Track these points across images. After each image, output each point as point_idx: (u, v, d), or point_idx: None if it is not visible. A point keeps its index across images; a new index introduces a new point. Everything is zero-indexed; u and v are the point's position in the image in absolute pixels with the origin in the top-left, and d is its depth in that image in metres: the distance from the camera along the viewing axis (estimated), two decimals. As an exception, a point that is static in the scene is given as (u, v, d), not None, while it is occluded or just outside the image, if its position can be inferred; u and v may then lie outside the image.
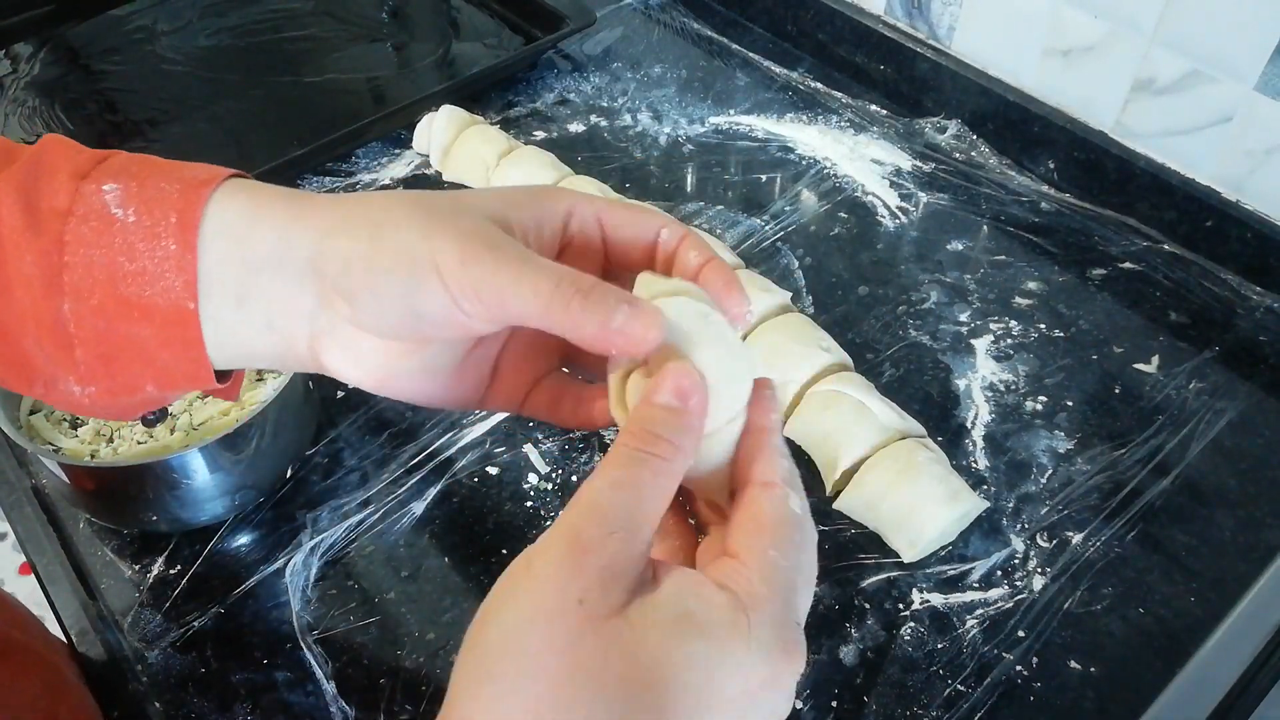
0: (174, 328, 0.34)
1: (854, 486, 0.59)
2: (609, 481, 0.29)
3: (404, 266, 0.32)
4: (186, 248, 0.33)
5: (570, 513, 0.29)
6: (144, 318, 0.33)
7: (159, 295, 0.33)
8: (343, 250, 0.33)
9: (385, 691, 0.53)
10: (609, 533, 0.28)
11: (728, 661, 0.28)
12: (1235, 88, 0.71)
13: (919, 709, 0.52)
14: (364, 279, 0.33)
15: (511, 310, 0.32)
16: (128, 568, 0.59)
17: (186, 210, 0.33)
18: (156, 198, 0.33)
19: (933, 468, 0.58)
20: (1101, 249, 0.77)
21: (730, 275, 0.35)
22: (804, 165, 0.85)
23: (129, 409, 0.37)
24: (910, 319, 0.72)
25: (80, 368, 0.34)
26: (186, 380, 0.35)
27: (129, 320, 0.33)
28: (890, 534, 0.58)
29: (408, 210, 0.33)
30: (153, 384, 0.35)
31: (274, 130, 0.91)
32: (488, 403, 0.39)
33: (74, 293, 0.33)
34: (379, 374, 0.36)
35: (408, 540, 0.60)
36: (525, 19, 1.01)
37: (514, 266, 0.31)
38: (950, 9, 0.87)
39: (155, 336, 0.34)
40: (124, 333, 0.34)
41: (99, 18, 1.05)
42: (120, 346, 0.34)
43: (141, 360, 0.34)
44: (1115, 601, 0.56)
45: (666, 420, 0.30)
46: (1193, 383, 0.67)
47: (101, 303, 0.33)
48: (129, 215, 0.33)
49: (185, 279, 0.33)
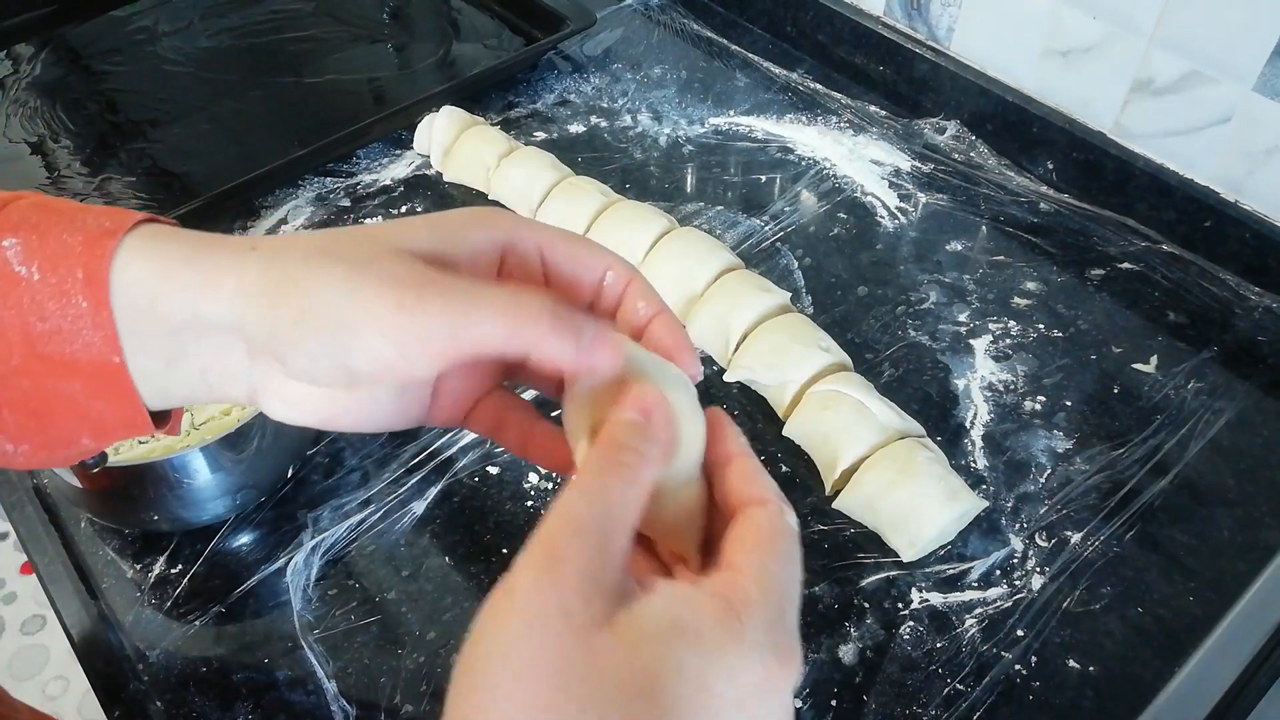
0: (103, 380, 0.32)
1: (853, 486, 0.59)
2: (578, 492, 0.29)
3: (331, 327, 0.30)
4: (99, 304, 0.31)
5: (542, 527, 0.28)
6: (69, 374, 0.32)
7: (81, 351, 0.32)
8: (264, 317, 0.31)
9: (385, 691, 0.53)
10: (581, 540, 0.28)
11: (721, 666, 0.27)
12: (1234, 88, 0.71)
13: (918, 708, 0.52)
14: (292, 342, 0.31)
15: (466, 345, 0.30)
16: (129, 567, 0.59)
17: (92, 264, 0.31)
18: (60, 253, 0.31)
19: (932, 467, 0.58)
20: (1100, 249, 0.77)
21: (680, 334, 0.35)
22: (803, 166, 0.85)
23: (66, 460, 0.36)
24: (909, 319, 0.72)
25: (10, 427, 0.33)
26: (124, 429, 0.34)
27: (54, 377, 0.32)
28: (889, 533, 0.58)
29: (326, 264, 0.31)
30: (88, 436, 0.34)
31: (275, 131, 0.91)
32: (432, 421, 0.38)
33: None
34: (322, 415, 0.35)
35: (408, 540, 0.60)
36: (525, 20, 1.02)
37: (463, 301, 0.30)
38: (949, 10, 0.87)
39: (85, 389, 0.32)
40: (51, 388, 0.32)
41: (100, 18, 1.05)
42: (49, 402, 0.32)
43: (74, 414, 0.33)
44: (1114, 601, 0.56)
45: (632, 431, 0.30)
46: (1191, 383, 0.67)
47: (22, 363, 0.32)
48: (33, 273, 0.31)
49: (104, 335, 0.31)
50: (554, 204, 0.77)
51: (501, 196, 0.81)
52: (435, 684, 0.53)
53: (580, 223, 0.75)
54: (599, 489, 0.29)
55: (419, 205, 0.83)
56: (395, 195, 0.84)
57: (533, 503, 0.61)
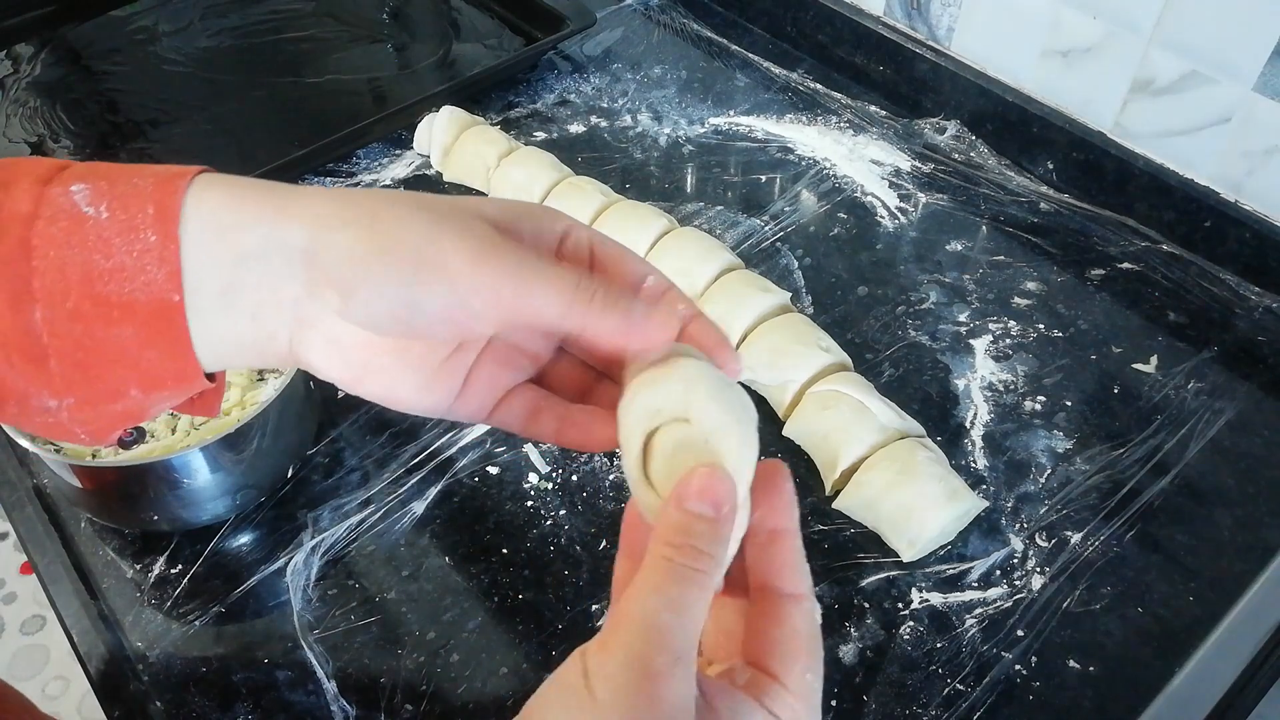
0: (158, 323, 0.32)
1: (853, 486, 0.59)
2: (664, 602, 0.29)
3: (409, 261, 0.32)
4: (168, 238, 0.31)
5: (628, 632, 0.29)
6: (124, 317, 0.32)
7: (140, 291, 0.32)
8: (342, 241, 0.32)
9: (385, 690, 0.53)
10: (675, 661, 0.28)
11: None
12: (1234, 88, 0.71)
13: (918, 708, 0.52)
14: (365, 270, 0.32)
15: (527, 311, 0.32)
16: (129, 567, 0.59)
17: (164, 201, 0.32)
18: (130, 193, 0.32)
19: (932, 467, 0.58)
20: (1100, 249, 0.77)
21: (719, 334, 0.36)
22: (803, 166, 0.85)
23: (109, 421, 0.35)
24: (909, 319, 0.72)
25: (55, 380, 0.32)
26: (173, 379, 0.34)
27: (108, 321, 0.32)
28: (890, 533, 0.58)
29: (409, 208, 0.33)
30: (136, 388, 0.33)
31: (275, 131, 0.91)
32: (455, 410, 0.38)
33: (46, 298, 0.31)
34: (356, 370, 0.35)
35: (408, 540, 0.60)
36: (525, 20, 1.02)
37: (533, 267, 0.32)
38: (949, 10, 0.87)
39: (137, 335, 0.32)
40: (103, 335, 0.32)
41: (100, 18, 1.05)
42: (99, 351, 0.32)
43: (124, 363, 0.33)
44: (1114, 601, 0.56)
45: (705, 533, 0.30)
46: (1191, 382, 0.67)
47: (77, 305, 0.31)
48: (101, 212, 0.32)
49: (168, 270, 0.31)
50: (554, 204, 0.77)
51: (501, 196, 0.81)
52: (435, 684, 0.53)
53: (580, 223, 0.75)
54: (684, 603, 0.29)
55: (419, 205, 0.83)
56: (395, 195, 0.84)
57: (532, 503, 0.61)
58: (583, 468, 0.63)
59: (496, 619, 0.56)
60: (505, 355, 0.39)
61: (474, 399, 0.38)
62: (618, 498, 0.61)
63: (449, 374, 0.37)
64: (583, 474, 0.63)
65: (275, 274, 0.33)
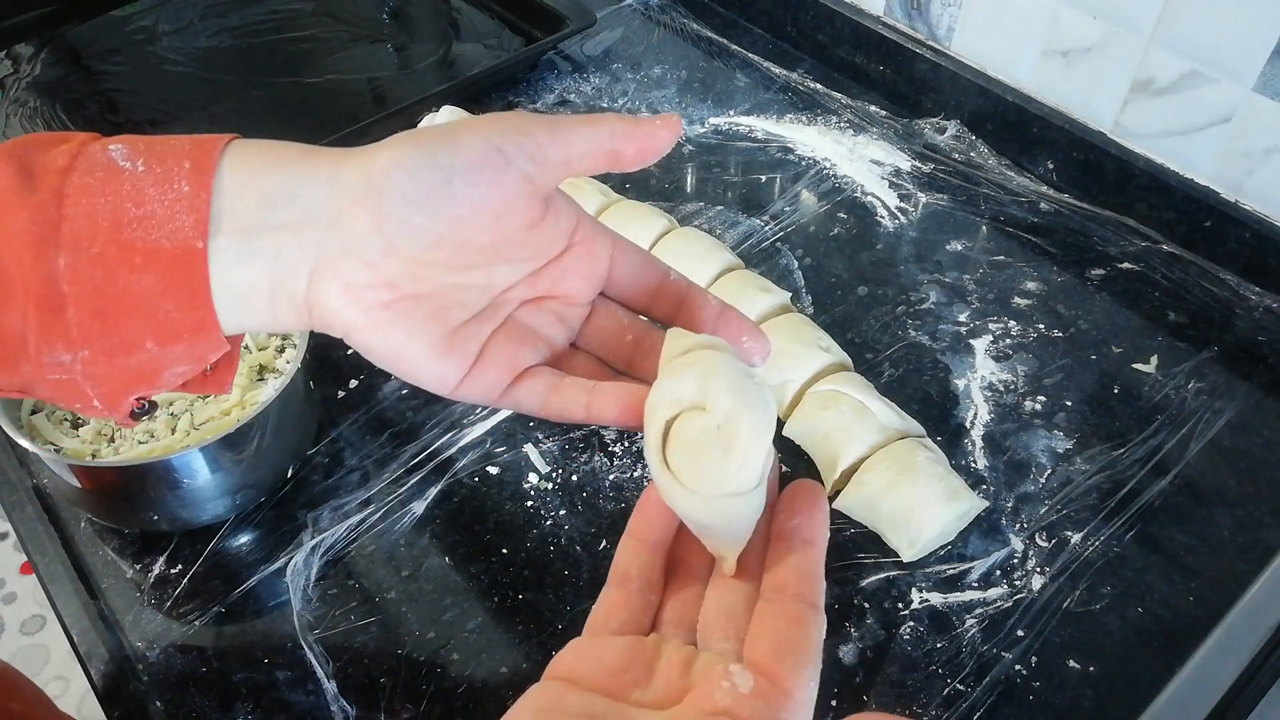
0: (179, 270, 0.33)
1: (853, 486, 0.59)
2: None
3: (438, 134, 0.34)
4: (200, 188, 0.33)
5: None
6: (147, 263, 0.32)
7: (165, 238, 0.32)
8: (365, 158, 0.34)
9: (385, 691, 0.53)
10: None
11: None
12: (1234, 88, 0.71)
13: (918, 708, 0.52)
14: (393, 166, 0.34)
15: (558, 152, 0.35)
16: (129, 567, 0.59)
17: (201, 157, 0.33)
18: (167, 150, 0.33)
19: (932, 467, 0.58)
20: (1100, 249, 0.77)
21: (744, 321, 0.38)
22: (803, 166, 0.85)
23: (123, 380, 0.35)
24: (909, 319, 0.72)
25: (72, 330, 0.33)
26: (189, 331, 0.34)
27: (130, 267, 0.32)
28: (889, 533, 0.58)
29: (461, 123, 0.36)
30: (152, 339, 0.34)
31: (275, 131, 0.89)
32: (467, 386, 0.38)
33: (72, 244, 0.32)
34: (372, 317, 0.35)
35: (408, 540, 0.60)
36: (525, 20, 1.02)
37: (560, 121, 0.35)
38: (949, 10, 0.87)
39: (157, 284, 0.33)
40: (123, 283, 0.33)
41: (100, 18, 1.05)
42: (118, 299, 0.33)
43: (142, 312, 0.33)
44: (1114, 601, 0.56)
45: None
46: (1191, 382, 0.67)
47: (102, 250, 0.32)
48: (138, 165, 0.33)
49: (196, 217, 0.33)
50: (554, 204, 0.77)
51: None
52: (435, 684, 0.53)
53: (580, 223, 0.75)
54: None
55: (419, 205, 0.83)
56: (395, 195, 0.84)
57: (533, 503, 0.61)
58: (583, 468, 0.63)
59: (496, 619, 0.56)
60: (521, 334, 0.39)
61: (488, 374, 0.38)
62: (618, 498, 0.61)
63: (464, 339, 0.37)
64: (583, 474, 0.63)
65: (300, 207, 0.34)
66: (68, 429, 0.59)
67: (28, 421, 0.59)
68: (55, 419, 0.60)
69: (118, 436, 0.59)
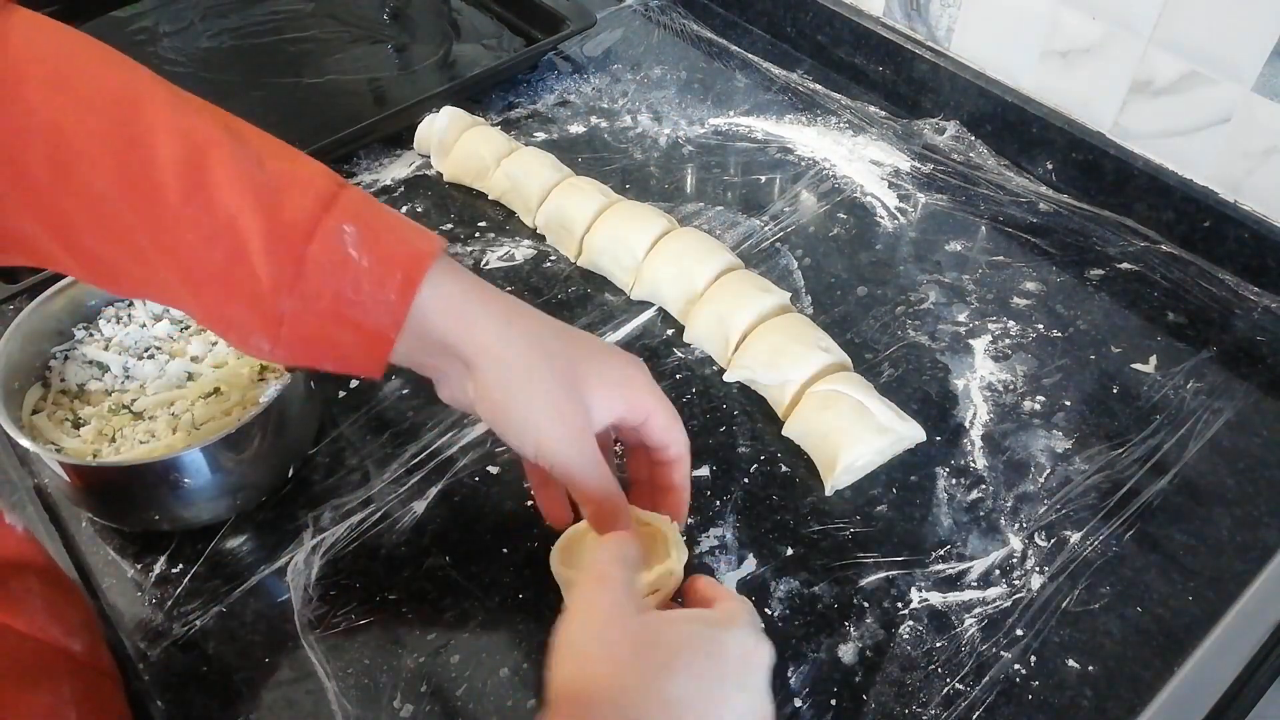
0: (371, 342, 0.44)
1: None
2: None
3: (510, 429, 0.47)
4: (403, 302, 0.43)
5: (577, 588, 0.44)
6: (351, 330, 0.43)
7: (368, 321, 0.43)
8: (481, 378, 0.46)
9: (385, 690, 0.53)
10: None
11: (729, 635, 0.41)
12: (1233, 89, 0.71)
13: (918, 707, 0.52)
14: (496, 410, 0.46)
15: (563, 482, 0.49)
16: (130, 567, 0.59)
17: (409, 276, 0.43)
18: (388, 254, 0.43)
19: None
20: (1099, 249, 0.77)
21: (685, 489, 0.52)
22: (803, 166, 0.85)
23: None
24: (909, 319, 0.72)
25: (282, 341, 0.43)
26: (361, 369, 0.45)
27: (338, 325, 0.43)
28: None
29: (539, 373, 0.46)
30: (332, 364, 0.45)
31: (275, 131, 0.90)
32: None
33: (302, 299, 0.42)
34: None
35: (409, 539, 0.60)
36: (526, 20, 1.02)
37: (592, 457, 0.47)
38: (949, 10, 0.87)
39: (352, 341, 0.44)
40: (331, 332, 0.43)
41: (101, 19, 1.05)
42: (321, 337, 0.44)
43: (336, 352, 0.44)
44: (1113, 600, 0.56)
45: None
46: (1190, 382, 0.68)
47: (322, 310, 0.43)
48: (363, 260, 0.42)
49: (394, 319, 0.43)
50: (554, 204, 0.77)
51: (502, 197, 0.81)
52: (435, 684, 0.53)
53: (581, 223, 0.75)
54: None
55: (419, 205, 0.83)
56: (396, 195, 0.84)
57: (533, 503, 0.61)
58: (583, 468, 0.63)
59: (496, 619, 0.56)
60: None
61: None
62: (618, 497, 0.61)
63: None
64: (583, 474, 0.63)
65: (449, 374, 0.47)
66: (69, 429, 0.59)
67: (29, 422, 0.59)
68: (56, 419, 0.60)
69: (119, 436, 0.59)
